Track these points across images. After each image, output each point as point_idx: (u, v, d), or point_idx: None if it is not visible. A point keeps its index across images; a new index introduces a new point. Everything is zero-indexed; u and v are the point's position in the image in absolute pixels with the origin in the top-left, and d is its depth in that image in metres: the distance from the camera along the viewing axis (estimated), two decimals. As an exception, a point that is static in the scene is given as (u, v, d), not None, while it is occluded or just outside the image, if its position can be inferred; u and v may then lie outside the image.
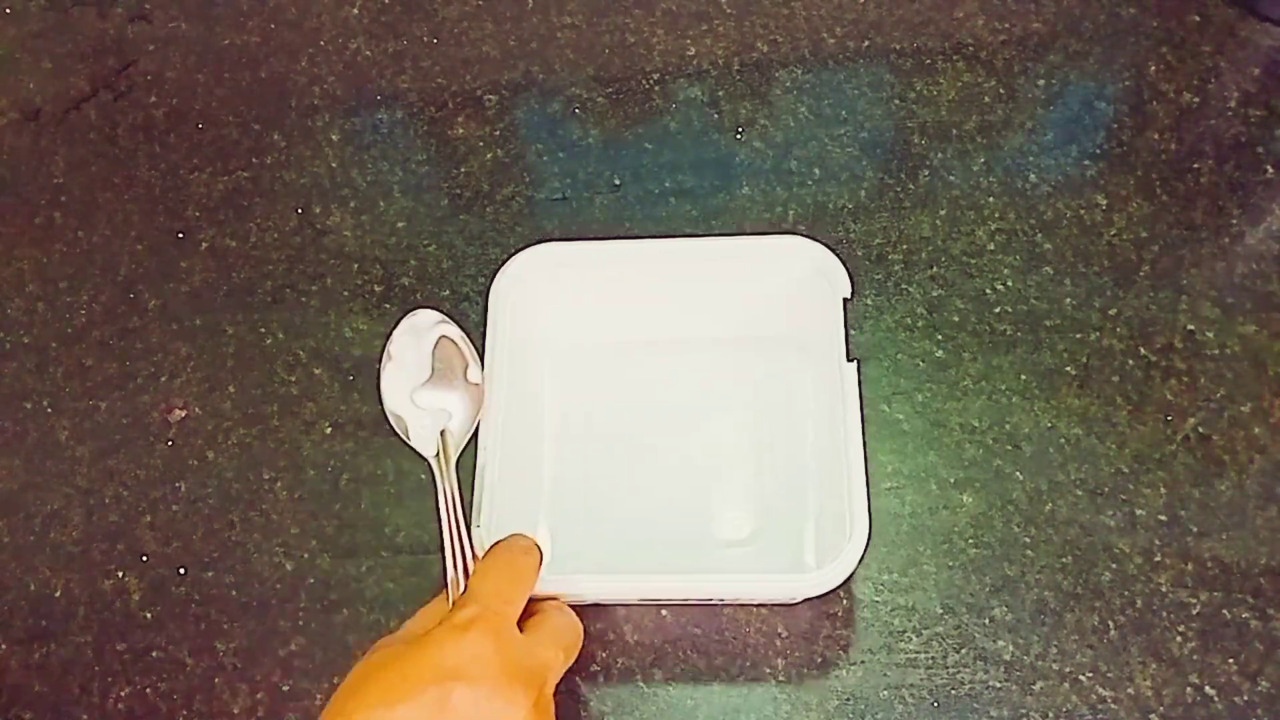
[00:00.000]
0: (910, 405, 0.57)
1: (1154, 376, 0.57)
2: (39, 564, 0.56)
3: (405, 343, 0.51)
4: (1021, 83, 0.66)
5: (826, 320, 0.52)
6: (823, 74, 0.67)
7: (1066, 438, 0.56)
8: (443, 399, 0.50)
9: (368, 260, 0.63)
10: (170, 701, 0.53)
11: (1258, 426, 0.56)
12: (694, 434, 0.57)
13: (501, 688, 0.41)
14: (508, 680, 0.42)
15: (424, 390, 0.50)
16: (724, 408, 0.57)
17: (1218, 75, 0.65)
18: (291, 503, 0.57)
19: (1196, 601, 0.52)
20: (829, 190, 0.63)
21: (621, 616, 0.53)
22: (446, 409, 0.50)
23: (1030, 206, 0.62)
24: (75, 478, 0.58)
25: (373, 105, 0.68)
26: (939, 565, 0.54)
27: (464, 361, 0.51)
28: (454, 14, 0.70)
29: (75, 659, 0.54)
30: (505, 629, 0.43)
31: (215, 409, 0.59)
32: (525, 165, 0.65)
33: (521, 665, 0.43)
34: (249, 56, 0.70)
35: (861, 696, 0.51)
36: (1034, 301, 0.59)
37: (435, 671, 0.41)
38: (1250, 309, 0.59)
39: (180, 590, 0.55)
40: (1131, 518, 0.54)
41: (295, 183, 0.66)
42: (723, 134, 0.65)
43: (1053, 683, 0.51)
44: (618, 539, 0.55)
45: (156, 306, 0.62)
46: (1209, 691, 0.51)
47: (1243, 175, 0.62)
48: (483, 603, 0.44)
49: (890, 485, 0.55)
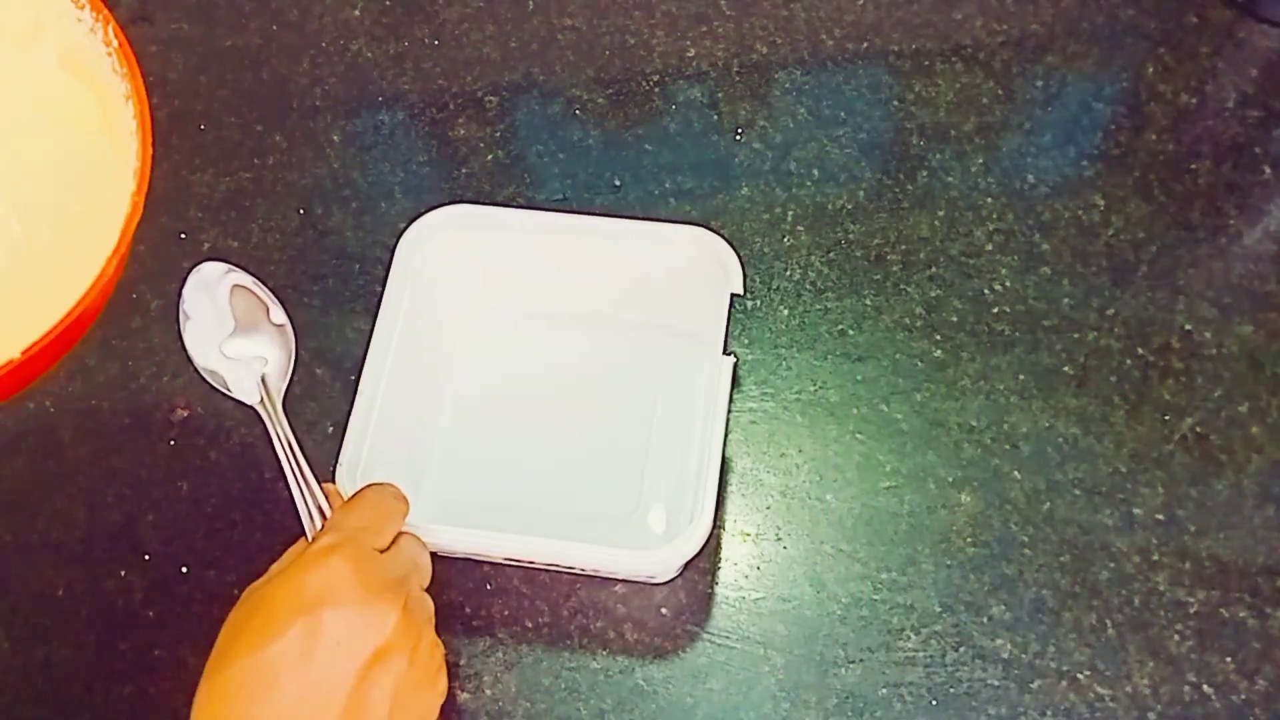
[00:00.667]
0: (909, 405, 0.57)
1: (1151, 376, 0.58)
2: (41, 563, 0.57)
3: (198, 299, 0.50)
4: (1020, 84, 0.66)
5: (717, 312, 0.53)
6: (822, 75, 0.67)
7: (1064, 437, 0.56)
8: (253, 346, 0.50)
9: (369, 261, 0.63)
10: (173, 700, 0.53)
11: (1255, 426, 0.56)
12: (584, 409, 0.59)
13: (370, 602, 0.42)
14: (375, 595, 0.42)
15: (231, 341, 0.50)
16: (616, 387, 0.59)
17: (1215, 76, 0.65)
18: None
19: (1194, 600, 0.53)
20: (828, 191, 0.63)
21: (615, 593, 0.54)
22: (260, 354, 0.50)
23: (1028, 207, 0.62)
24: (77, 477, 0.59)
25: (374, 106, 0.68)
26: (937, 564, 0.54)
27: (263, 305, 0.51)
28: (455, 16, 0.71)
29: (78, 658, 0.54)
30: (364, 553, 0.43)
31: (217, 409, 0.59)
32: (526, 166, 0.65)
33: (384, 578, 0.43)
34: (251, 58, 0.70)
35: (860, 695, 0.51)
36: (1032, 302, 0.60)
37: (300, 603, 0.41)
38: (1247, 309, 0.59)
39: (182, 589, 0.56)
40: (1129, 517, 0.54)
41: (297, 183, 0.66)
42: (722, 135, 0.66)
43: (1051, 681, 0.51)
44: (498, 503, 0.56)
45: (159, 307, 0.62)
46: (1206, 690, 0.51)
47: (1240, 176, 0.62)
48: (343, 531, 0.44)
49: (888, 484, 0.56)
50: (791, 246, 0.62)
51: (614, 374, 0.59)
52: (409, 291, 0.55)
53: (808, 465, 0.56)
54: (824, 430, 0.57)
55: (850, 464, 0.56)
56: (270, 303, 0.51)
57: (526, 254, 0.58)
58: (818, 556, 0.54)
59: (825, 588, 0.54)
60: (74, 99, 0.40)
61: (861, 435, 0.57)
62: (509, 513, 0.56)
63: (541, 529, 0.53)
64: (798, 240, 0.62)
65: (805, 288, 0.61)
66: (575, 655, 0.53)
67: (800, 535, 0.55)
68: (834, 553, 0.54)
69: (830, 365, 0.59)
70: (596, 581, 0.54)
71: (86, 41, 0.39)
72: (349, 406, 0.52)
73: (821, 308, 0.60)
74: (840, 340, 0.59)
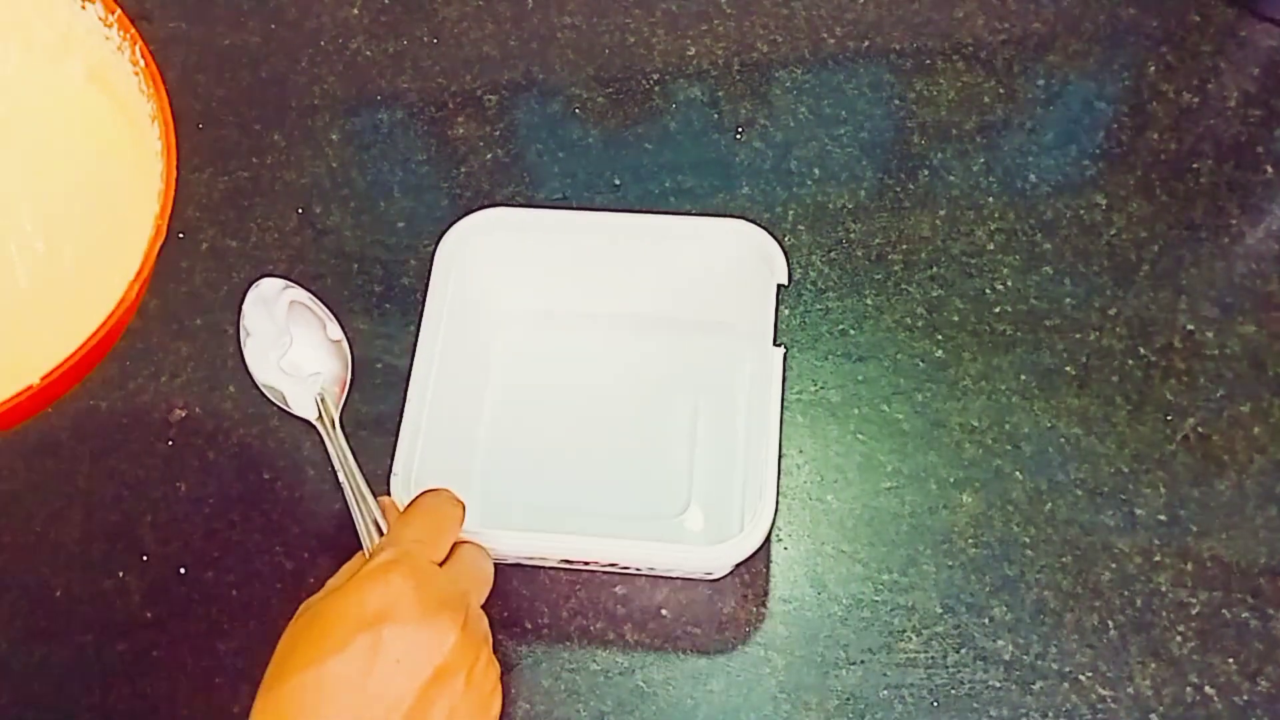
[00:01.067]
0: (910, 405, 0.57)
1: (1154, 376, 0.57)
2: (39, 564, 0.56)
3: (258, 314, 0.51)
4: (1021, 83, 0.66)
5: (763, 305, 0.53)
6: (823, 74, 0.67)
7: (1066, 437, 0.56)
8: (310, 362, 0.51)
9: (368, 260, 0.63)
10: (170, 701, 0.53)
11: (1257, 426, 0.56)
12: (630, 408, 0.58)
13: (429, 619, 0.41)
14: (434, 611, 0.42)
15: (290, 357, 0.51)
16: (661, 385, 0.59)
17: (1217, 75, 0.65)
18: (291, 503, 0.57)
19: (1196, 601, 0.52)
20: (829, 190, 0.63)
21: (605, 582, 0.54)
22: (317, 371, 0.51)
23: (1030, 206, 0.62)
24: (76, 478, 0.58)
25: (373, 105, 0.68)
26: (939, 565, 0.54)
27: (320, 321, 0.52)
28: (454, 14, 0.70)
29: (76, 659, 0.54)
30: (424, 567, 0.43)
31: (215, 409, 0.59)
32: (525, 165, 0.65)
33: (444, 595, 0.43)
34: (249, 56, 0.70)
35: (861, 696, 0.51)
36: (1034, 301, 0.59)
37: (360, 619, 0.41)
38: (1250, 309, 0.59)
39: (181, 590, 0.55)
40: (1131, 517, 0.54)
41: (295, 183, 0.66)
42: (723, 134, 0.65)
43: (1052, 682, 0.51)
44: (541, 505, 0.56)
45: (157, 306, 0.62)
46: (1208, 691, 0.51)
47: (1242, 175, 0.62)
48: (401, 546, 0.44)
49: (890, 485, 0.56)
50: (792, 246, 0.62)
51: (654, 372, 0.59)
52: (450, 296, 0.54)
53: (808, 466, 0.56)
54: (825, 430, 0.57)
55: (851, 464, 0.56)
56: (327, 319, 0.52)
57: (560, 254, 0.57)
58: (818, 557, 0.54)
59: (826, 589, 0.54)
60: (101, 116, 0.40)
61: (862, 435, 0.57)
62: (552, 515, 0.56)
63: (585, 530, 0.53)
64: (798, 240, 0.62)
65: (806, 287, 0.61)
66: (575, 656, 0.53)
67: (801, 536, 0.55)
68: (835, 553, 0.54)
69: (831, 365, 0.59)
70: (596, 582, 0.54)
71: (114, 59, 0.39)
72: (348, 406, 0.52)
73: (822, 307, 0.60)
74: (841, 340, 0.59)
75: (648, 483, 0.56)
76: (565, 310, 0.60)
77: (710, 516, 0.55)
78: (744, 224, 0.54)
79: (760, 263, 0.54)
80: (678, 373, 0.59)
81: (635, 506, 0.56)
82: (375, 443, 0.58)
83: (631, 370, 0.59)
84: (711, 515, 0.55)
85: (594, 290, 0.59)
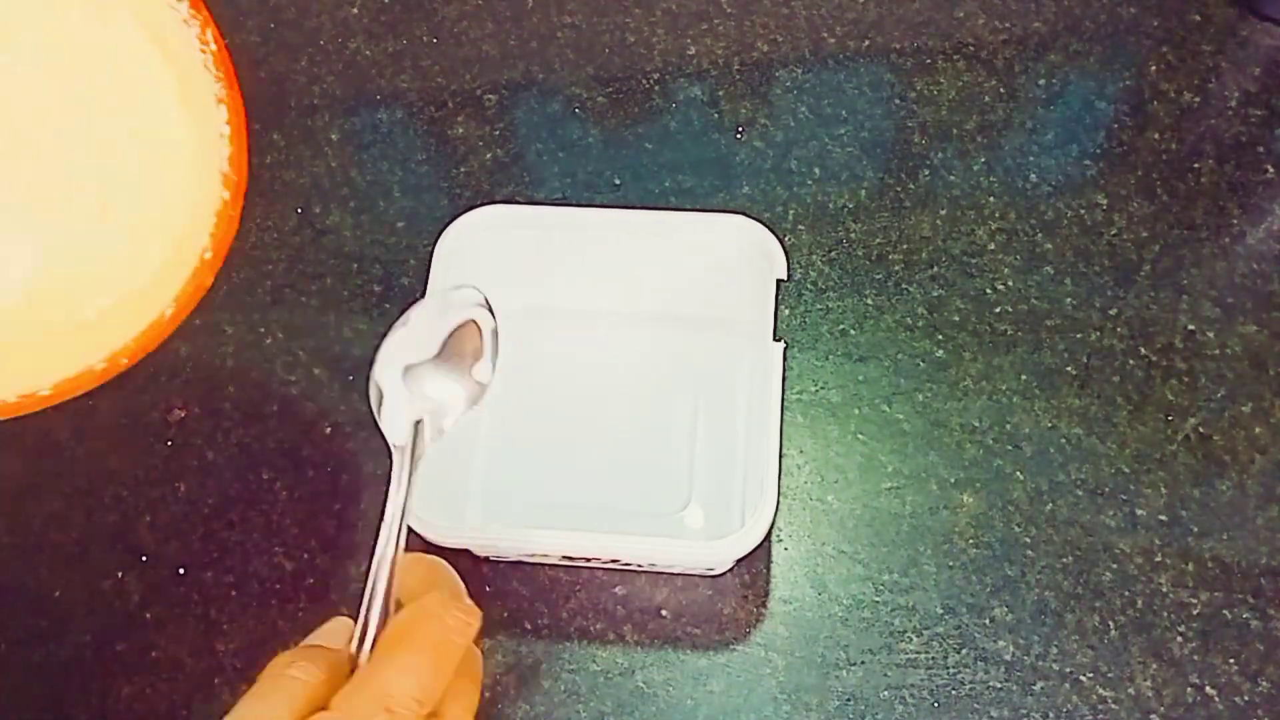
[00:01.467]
0: (910, 405, 0.57)
1: (1154, 376, 0.57)
2: (38, 564, 0.56)
3: (428, 312, 0.44)
4: (1022, 82, 0.66)
5: (763, 301, 0.53)
6: (823, 74, 0.67)
7: (1067, 437, 0.56)
8: (436, 385, 0.43)
9: (367, 260, 0.63)
10: (170, 702, 0.53)
11: (1258, 426, 0.56)
12: (630, 405, 0.58)
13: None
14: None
15: (420, 368, 0.43)
16: (661, 381, 0.59)
17: (1218, 75, 0.65)
18: (291, 503, 0.57)
19: (1197, 602, 0.52)
20: (829, 190, 0.63)
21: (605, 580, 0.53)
22: (435, 397, 0.43)
23: (1031, 206, 0.62)
24: (74, 478, 0.58)
25: (372, 105, 0.68)
26: (939, 565, 0.54)
27: (479, 354, 0.43)
28: (454, 13, 0.70)
29: (75, 659, 0.54)
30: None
31: (215, 409, 0.59)
32: (525, 165, 0.65)
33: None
34: (248, 56, 0.70)
35: (862, 697, 0.51)
36: (1034, 301, 0.59)
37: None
38: (1251, 309, 0.59)
39: (180, 590, 0.55)
40: (1132, 518, 0.54)
41: (295, 182, 0.65)
42: (723, 134, 0.65)
43: (1053, 683, 0.51)
44: (541, 501, 0.56)
45: (156, 306, 0.62)
46: (1209, 692, 0.51)
47: (1243, 175, 0.62)
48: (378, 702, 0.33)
49: (890, 485, 0.55)
50: (792, 246, 0.61)
51: (654, 368, 0.59)
52: None
53: (809, 466, 0.56)
54: (825, 431, 0.57)
55: (851, 465, 0.56)
56: (488, 356, 0.43)
57: (559, 251, 0.57)
58: (819, 558, 0.54)
59: (826, 589, 0.53)
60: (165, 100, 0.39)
61: (863, 436, 0.57)
62: (552, 511, 0.56)
63: (586, 526, 0.53)
64: (798, 239, 0.62)
65: (806, 287, 0.61)
66: (575, 657, 0.53)
67: (801, 536, 0.55)
68: (835, 554, 0.54)
69: (831, 365, 0.59)
70: (596, 582, 0.54)
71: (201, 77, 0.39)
72: (348, 407, 0.52)
73: (822, 307, 0.60)
74: (841, 340, 0.59)
75: (648, 479, 0.56)
76: (564, 307, 0.60)
77: (711, 513, 0.55)
78: (742, 219, 0.54)
79: (759, 258, 0.54)
80: (678, 369, 0.59)
81: (636, 503, 0.56)
82: (375, 443, 0.58)
83: (631, 367, 0.59)
84: (712, 511, 0.55)
85: (593, 287, 0.59)
